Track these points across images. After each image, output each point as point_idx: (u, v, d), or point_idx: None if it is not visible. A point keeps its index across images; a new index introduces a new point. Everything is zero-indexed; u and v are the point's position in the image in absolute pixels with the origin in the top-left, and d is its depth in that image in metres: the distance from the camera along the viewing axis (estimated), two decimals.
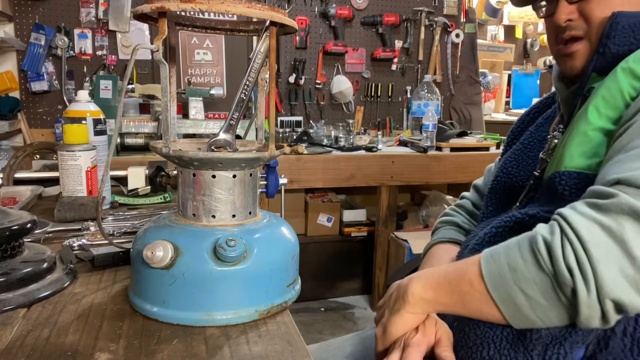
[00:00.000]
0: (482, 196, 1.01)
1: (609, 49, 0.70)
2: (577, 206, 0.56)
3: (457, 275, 0.61)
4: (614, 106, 0.65)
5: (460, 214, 1.03)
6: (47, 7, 2.64)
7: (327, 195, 2.88)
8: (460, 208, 1.05)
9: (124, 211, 1.05)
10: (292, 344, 0.55)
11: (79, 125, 1.04)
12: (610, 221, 0.52)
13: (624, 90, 0.65)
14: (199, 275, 0.57)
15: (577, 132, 0.67)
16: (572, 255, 0.52)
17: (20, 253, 0.68)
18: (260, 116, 0.69)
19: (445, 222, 1.02)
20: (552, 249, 0.53)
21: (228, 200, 0.62)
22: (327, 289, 2.85)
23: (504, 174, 0.87)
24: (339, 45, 3.02)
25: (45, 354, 0.51)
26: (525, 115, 0.98)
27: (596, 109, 0.66)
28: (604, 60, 0.71)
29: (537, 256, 0.54)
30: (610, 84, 0.66)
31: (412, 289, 0.63)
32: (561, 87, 0.82)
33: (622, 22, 0.69)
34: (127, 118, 2.19)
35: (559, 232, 0.54)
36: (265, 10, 0.56)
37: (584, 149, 0.66)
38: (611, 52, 0.70)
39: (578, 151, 0.66)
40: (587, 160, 0.66)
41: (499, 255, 0.58)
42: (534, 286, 0.54)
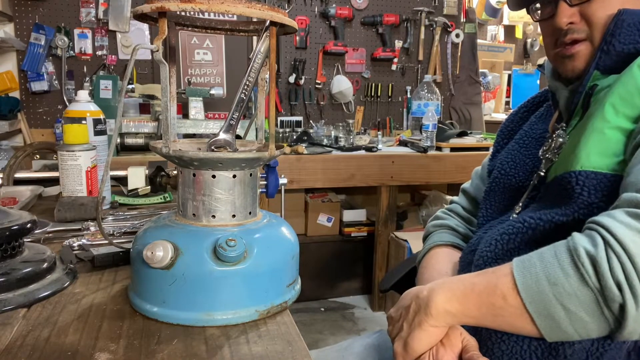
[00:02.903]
0: (472, 200, 1.00)
1: (613, 47, 0.69)
2: (617, 215, 0.53)
3: (487, 287, 0.58)
4: (632, 104, 0.63)
5: (452, 217, 1.01)
6: (47, 7, 2.64)
7: (327, 195, 2.88)
8: (451, 212, 1.02)
9: (124, 211, 1.05)
10: (292, 344, 0.55)
11: (79, 125, 1.04)
12: None
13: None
14: (199, 275, 0.57)
15: (592, 130, 0.65)
16: (619, 270, 0.50)
17: (20, 253, 0.68)
18: (260, 116, 0.69)
19: (439, 225, 0.99)
20: (597, 263, 0.51)
21: (228, 200, 0.62)
22: (327, 289, 2.85)
23: (502, 175, 0.85)
24: (339, 45, 3.02)
25: (45, 354, 0.51)
26: (514, 115, 0.96)
27: (613, 106, 0.64)
28: (608, 58, 0.70)
29: (581, 270, 0.52)
30: (627, 80, 0.65)
31: (436, 301, 0.60)
32: (559, 85, 0.80)
33: (628, 20, 0.68)
34: (127, 118, 2.19)
35: (602, 245, 0.52)
36: (265, 10, 0.56)
37: (601, 147, 0.64)
38: (616, 51, 0.69)
39: (595, 150, 0.64)
40: (606, 159, 0.63)
41: (534, 267, 0.55)
42: (575, 301, 0.52)
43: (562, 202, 0.67)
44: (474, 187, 1.01)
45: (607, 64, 0.70)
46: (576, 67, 0.74)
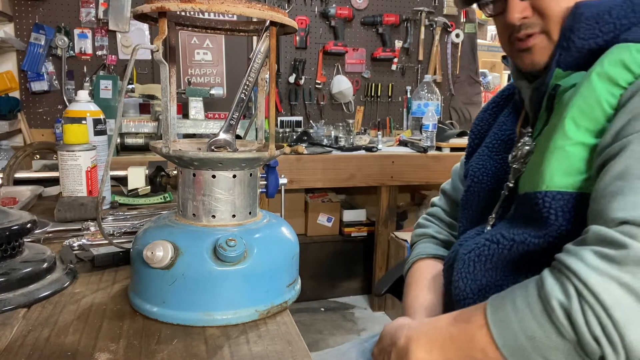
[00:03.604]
0: (452, 202, 0.98)
1: (573, 43, 0.65)
2: (586, 257, 0.51)
3: (465, 339, 0.58)
4: (593, 118, 0.60)
5: (434, 223, 0.99)
6: (47, 7, 2.63)
7: (327, 195, 2.88)
8: (432, 217, 1.00)
9: (124, 211, 1.05)
10: (292, 344, 0.55)
11: (79, 125, 1.04)
12: (628, 277, 0.48)
13: (601, 99, 0.59)
14: (199, 275, 0.57)
15: (554, 147, 0.62)
16: (596, 323, 0.48)
17: (20, 253, 0.68)
18: (260, 116, 0.69)
19: (421, 235, 0.98)
20: (572, 316, 0.49)
21: (228, 200, 0.62)
22: (327, 289, 2.85)
23: (475, 183, 0.83)
24: (339, 45, 3.02)
25: (45, 354, 0.51)
26: (484, 112, 0.93)
27: (573, 121, 0.61)
28: (568, 55, 0.66)
29: (556, 323, 0.51)
30: (585, 92, 0.61)
31: (415, 353, 0.61)
32: (523, 84, 0.76)
33: (586, 13, 0.64)
34: (127, 118, 2.19)
35: (575, 296, 0.50)
36: (265, 10, 0.56)
37: (564, 165, 0.62)
38: (576, 47, 0.65)
39: (559, 169, 0.62)
40: (570, 178, 0.61)
41: (510, 320, 0.54)
42: (556, 352, 0.51)
43: (533, 222, 0.65)
44: (453, 187, 1.00)
45: (568, 60, 0.66)
46: (535, 61, 0.71)
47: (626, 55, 0.59)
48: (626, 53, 0.59)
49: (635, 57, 0.58)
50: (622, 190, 0.53)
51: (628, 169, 0.54)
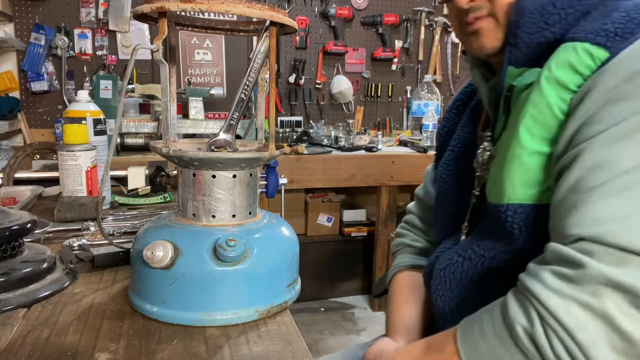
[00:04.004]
0: (426, 208, 0.96)
1: (520, 39, 0.63)
2: (546, 279, 0.50)
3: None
4: (545, 125, 0.58)
5: (410, 231, 0.97)
6: (47, 7, 2.63)
7: (327, 195, 2.88)
8: (408, 225, 0.99)
9: (124, 211, 1.05)
10: (292, 344, 0.55)
11: (79, 125, 1.04)
12: (588, 297, 0.47)
13: (552, 105, 0.58)
14: (199, 275, 0.57)
15: (512, 157, 0.61)
16: (561, 347, 0.48)
17: (20, 253, 0.68)
18: (260, 116, 0.69)
19: (399, 244, 0.97)
20: (537, 342, 0.49)
21: (228, 200, 0.62)
22: (327, 289, 2.85)
23: (444, 190, 0.82)
24: (339, 45, 3.02)
25: (45, 354, 0.51)
26: (449, 112, 0.90)
27: (527, 130, 0.59)
28: (518, 51, 0.64)
29: (523, 349, 0.50)
30: (536, 98, 0.59)
31: None
32: (480, 82, 0.75)
33: (529, 7, 0.62)
34: (127, 118, 2.19)
35: (538, 320, 0.50)
36: (265, 10, 0.56)
37: (523, 177, 0.60)
38: (524, 42, 0.63)
39: (518, 180, 0.60)
40: (530, 190, 0.60)
41: (480, 347, 0.54)
42: None
43: (501, 236, 0.64)
44: (425, 192, 0.97)
45: (519, 56, 0.65)
46: (482, 45, 0.69)
47: (573, 57, 0.57)
48: (572, 54, 0.57)
49: (582, 58, 0.56)
50: (576, 205, 0.52)
51: (580, 180, 0.52)
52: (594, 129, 0.53)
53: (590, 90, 0.54)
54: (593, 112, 0.53)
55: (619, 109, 0.52)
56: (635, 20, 0.54)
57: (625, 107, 0.51)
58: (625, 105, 0.51)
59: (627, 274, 0.46)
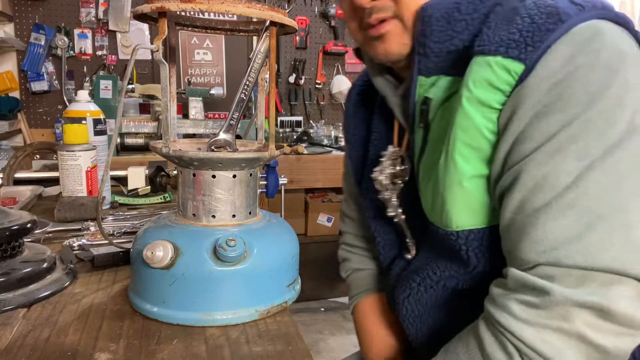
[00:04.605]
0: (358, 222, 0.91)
1: (429, 48, 0.60)
2: (513, 310, 0.50)
3: None
4: (478, 147, 0.56)
5: (355, 254, 0.91)
6: (47, 7, 2.64)
7: (327, 195, 2.88)
8: (349, 246, 0.92)
9: (124, 211, 1.05)
10: (292, 344, 0.55)
11: (79, 125, 1.04)
12: (559, 322, 0.48)
13: (481, 127, 0.55)
14: (199, 275, 0.57)
15: (451, 184, 0.58)
16: None
17: (20, 253, 0.68)
18: (260, 116, 0.69)
19: (348, 269, 0.91)
20: None
21: (228, 200, 0.62)
22: (327, 289, 2.85)
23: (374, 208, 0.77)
24: (339, 45, 3.02)
25: (45, 354, 0.51)
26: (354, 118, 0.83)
27: (462, 156, 0.57)
28: (428, 61, 0.61)
29: None
30: (463, 122, 0.56)
31: None
32: (386, 89, 0.70)
33: (435, 15, 0.59)
34: (127, 118, 2.19)
35: (516, 354, 0.50)
36: (265, 10, 0.56)
37: (468, 203, 0.58)
38: (433, 51, 0.60)
39: (464, 207, 0.59)
40: (478, 214, 0.59)
41: None
42: None
43: (457, 259, 0.63)
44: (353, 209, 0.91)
45: (429, 66, 0.61)
46: (389, 50, 0.63)
47: (489, 74, 0.54)
48: (488, 71, 0.54)
49: (499, 74, 0.53)
50: (525, 228, 0.51)
51: (524, 202, 0.52)
52: (527, 147, 0.52)
53: (516, 108, 0.52)
54: (522, 128, 0.52)
55: (547, 124, 0.51)
56: (542, 26, 0.52)
57: (553, 121, 0.51)
58: (553, 118, 0.50)
59: (590, 292, 0.47)
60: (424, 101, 0.62)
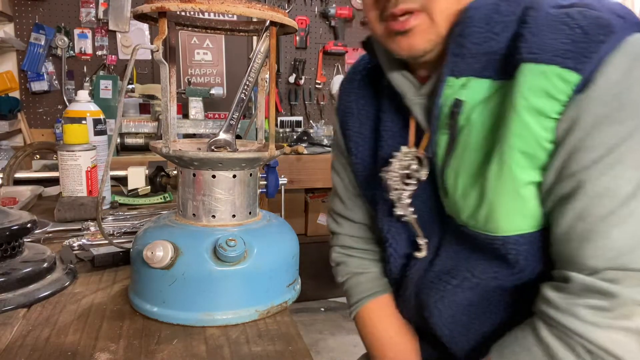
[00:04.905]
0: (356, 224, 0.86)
1: (467, 49, 0.59)
2: (582, 314, 0.53)
3: None
4: (534, 155, 0.57)
5: (352, 256, 0.86)
6: (47, 7, 2.63)
7: (327, 195, 2.88)
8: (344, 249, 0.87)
9: (124, 211, 1.05)
10: (292, 344, 0.55)
11: (79, 125, 1.04)
12: (623, 321, 0.51)
13: (539, 138, 0.56)
14: (199, 275, 0.57)
15: (504, 191, 0.58)
16: None
17: (20, 253, 0.68)
18: (260, 116, 0.69)
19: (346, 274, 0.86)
20: None
21: (228, 200, 0.62)
22: (327, 289, 2.85)
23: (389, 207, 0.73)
24: (339, 45, 3.02)
25: (45, 354, 0.51)
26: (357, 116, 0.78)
27: (518, 164, 0.57)
28: (462, 62, 0.60)
29: None
30: (519, 130, 0.56)
31: None
32: (405, 85, 0.67)
33: (476, 15, 0.58)
34: (127, 118, 2.19)
35: (589, 357, 0.52)
36: (265, 10, 0.56)
37: (521, 209, 0.59)
38: (471, 53, 0.59)
39: (516, 213, 0.60)
40: (530, 219, 0.60)
41: None
42: None
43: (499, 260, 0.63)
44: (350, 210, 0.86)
45: (462, 67, 0.60)
46: (413, 46, 0.61)
47: (545, 83, 0.54)
48: (544, 80, 0.54)
49: (556, 84, 0.53)
50: (589, 235, 0.54)
51: (586, 209, 0.54)
52: (588, 156, 0.54)
53: (576, 118, 0.54)
54: (582, 138, 0.54)
55: (607, 135, 0.53)
56: (594, 38, 0.53)
57: (613, 132, 0.53)
58: (614, 129, 0.53)
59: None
60: (455, 103, 0.61)
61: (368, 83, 0.78)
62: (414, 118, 0.68)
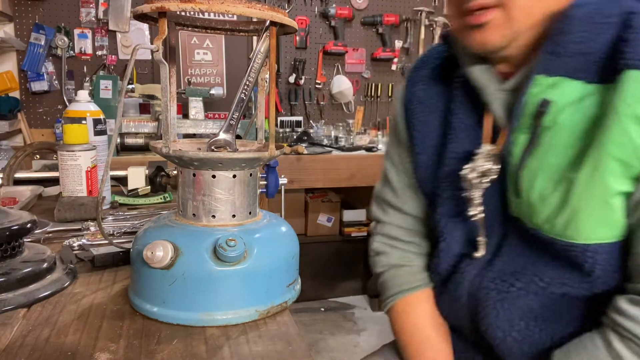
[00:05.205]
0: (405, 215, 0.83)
1: (565, 48, 0.58)
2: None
3: None
4: (629, 165, 0.56)
5: (394, 247, 0.83)
6: (47, 7, 2.63)
7: (327, 195, 2.88)
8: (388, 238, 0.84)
9: (124, 211, 1.05)
10: (292, 344, 0.55)
11: (79, 125, 1.04)
12: None
13: (638, 146, 0.54)
14: (199, 275, 0.57)
15: (594, 198, 0.57)
16: None
17: (20, 253, 0.68)
18: (260, 116, 0.69)
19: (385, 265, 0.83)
20: None
21: (228, 200, 0.62)
22: (327, 289, 2.85)
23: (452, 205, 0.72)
24: (339, 45, 3.02)
25: (45, 354, 0.51)
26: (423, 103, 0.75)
27: (612, 173, 0.56)
28: (556, 61, 0.59)
29: None
30: (619, 138, 0.54)
31: None
32: (485, 79, 0.66)
33: (577, 14, 0.57)
34: (127, 118, 2.19)
35: None
36: (265, 10, 0.56)
37: (605, 218, 0.58)
38: (568, 52, 0.58)
39: (600, 222, 0.58)
40: (613, 229, 0.59)
41: None
42: None
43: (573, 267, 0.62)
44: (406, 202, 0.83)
45: (555, 66, 0.59)
46: (486, 41, 0.61)
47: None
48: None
49: None
50: None
51: None
52: None
53: None
54: None
55: None
56: None
57: None
58: None
59: None
60: (542, 103, 0.59)
61: (439, 74, 0.76)
62: (491, 114, 0.67)
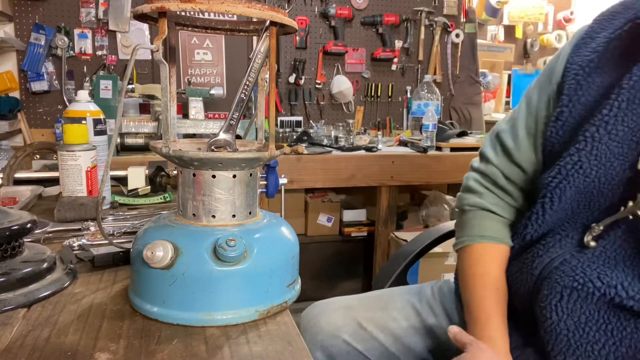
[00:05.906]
0: (518, 169, 0.75)
1: None
2: None
3: None
4: None
5: (491, 191, 0.76)
6: (47, 7, 2.63)
7: (327, 195, 2.88)
8: (487, 181, 0.77)
9: (124, 211, 1.05)
10: (292, 344, 0.55)
11: (79, 125, 1.04)
12: None
13: None
14: (199, 275, 0.57)
15: None
16: None
17: (20, 253, 0.68)
18: (260, 116, 0.69)
19: (474, 205, 0.76)
20: None
21: (228, 200, 0.62)
22: (327, 289, 2.85)
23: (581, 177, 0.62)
24: (339, 45, 3.02)
25: (45, 354, 0.51)
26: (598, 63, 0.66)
27: None
28: None
29: None
30: None
31: None
32: None
33: None
34: (127, 118, 2.19)
35: None
36: (265, 10, 0.56)
37: None
38: None
39: None
40: None
41: None
42: None
43: None
44: (517, 146, 0.75)
45: None
46: None
47: None
48: None
49: None
50: None
51: None
52: None
53: None
54: None
55: None
56: None
57: None
58: None
59: None
60: None
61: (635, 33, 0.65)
62: None
